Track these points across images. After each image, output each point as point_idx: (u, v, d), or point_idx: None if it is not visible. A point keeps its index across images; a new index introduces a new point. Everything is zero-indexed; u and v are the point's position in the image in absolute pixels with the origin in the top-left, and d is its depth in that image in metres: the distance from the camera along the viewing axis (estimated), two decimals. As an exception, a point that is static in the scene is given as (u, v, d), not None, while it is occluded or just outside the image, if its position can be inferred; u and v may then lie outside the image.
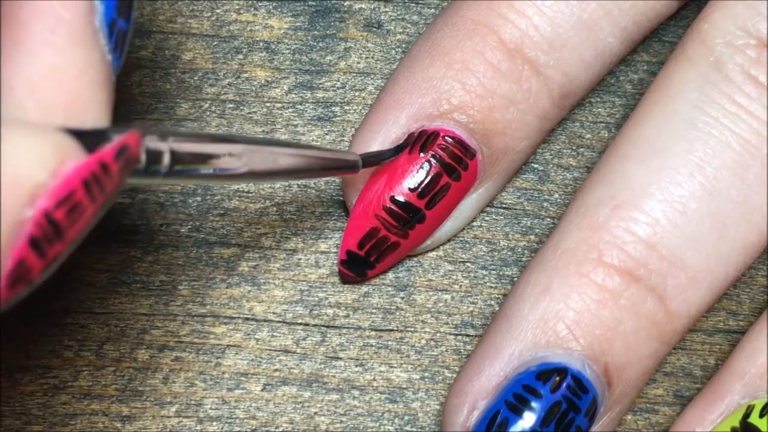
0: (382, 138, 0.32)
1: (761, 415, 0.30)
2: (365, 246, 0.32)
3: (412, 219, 0.32)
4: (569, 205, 0.32)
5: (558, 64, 0.32)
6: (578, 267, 0.30)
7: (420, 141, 0.32)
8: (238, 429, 0.33)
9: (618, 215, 0.30)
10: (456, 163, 0.32)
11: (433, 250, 0.34)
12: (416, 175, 0.32)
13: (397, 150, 0.32)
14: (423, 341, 0.34)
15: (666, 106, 0.31)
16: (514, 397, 0.30)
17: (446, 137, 0.32)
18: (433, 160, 0.32)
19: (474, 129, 0.32)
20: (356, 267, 0.33)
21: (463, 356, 0.34)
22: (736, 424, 0.30)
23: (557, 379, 0.30)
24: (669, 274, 0.30)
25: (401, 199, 0.32)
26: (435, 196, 0.32)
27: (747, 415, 0.30)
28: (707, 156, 0.30)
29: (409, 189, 0.32)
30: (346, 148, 0.34)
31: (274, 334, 0.34)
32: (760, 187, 0.30)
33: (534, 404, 0.29)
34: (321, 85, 0.35)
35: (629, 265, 0.30)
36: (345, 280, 0.34)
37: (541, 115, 0.32)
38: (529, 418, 0.29)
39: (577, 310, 0.30)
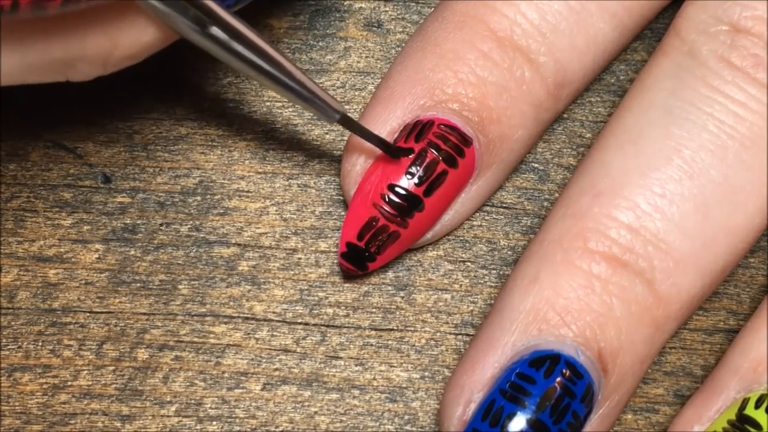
0: (379, 132, 0.32)
1: (757, 406, 0.30)
2: (365, 236, 0.32)
3: (410, 207, 0.32)
4: (555, 200, 0.32)
5: (549, 51, 0.32)
6: (565, 255, 0.31)
7: (415, 130, 0.32)
8: (238, 428, 0.33)
9: (599, 202, 0.31)
10: (452, 150, 0.32)
11: (433, 249, 0.34)
12: (413, 163, 0.32)
13: (385, 145, 0.32)
14: (423, 341, 0.34)
15: (642, 97, 0.32)
16: (509, 386, 0.30)
17: (441, 125, 0.32)
18: (429, 148, 0.32)
19: (468, 117, 0.32)
20: (357, 259, 0.33)
21: (464, 356, 0.34)
22: (733, 417, 0.30)
23: (550, 365, 0.30)
24: (655, 257, 0.30)
25: (398, 186, 0.32)
26: (433, 183, 0.32)
27: (743, 407, 0.30)
28: (683, 139, 0.31)
29: (406, 176, 0.32)
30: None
31: (274, 333, 0.34)
32: (740, 167, 0.31)
33: (529, 391, 0.30)
34: (321, 85, 0.35)
35: (614, 250, 0.30)
36: (346, 273, 0.34)
37: (536, 104, 0.32)
38: (524, 405, 0.30)
39: (567, 297, 0.30)
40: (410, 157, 0.32)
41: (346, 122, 0.31)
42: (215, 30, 0.28)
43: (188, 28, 0.28)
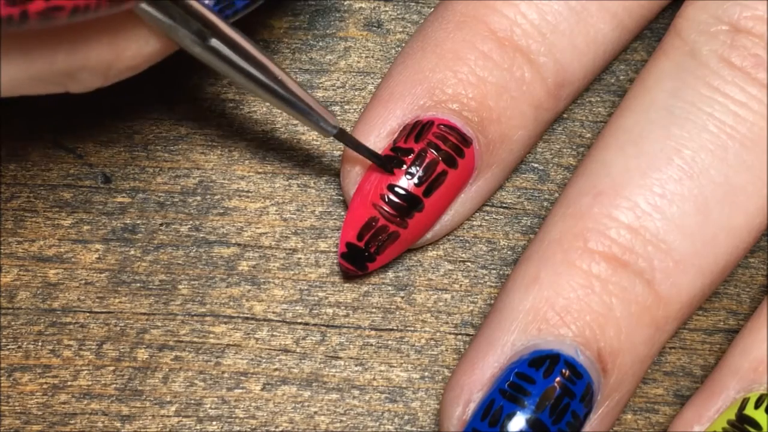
0: (378, 132, 0.32)
1: (756, 406, 0.30)
2: (365, 237, 0.32)
3: (410, 207, 0.32)
4: (556, 200, 0.32)
5: (549, 51, 0.32)
6: (565, 255, 0.31)
7: (415, 131, 0.32)
8: (237, 428, 0.33)
9: (600, 202, 0.31)
10: (452, 150, 0.32)
11: (433, 249, 0.34)
12: (412, 163, 0.32)
13: (380, 160, 0.32)
14: (423, 341, 0.34)
15: (643, 98, 0.32)
16: (509, 386, 0.30)
17: (441, 125, 0.32)
18: (428, 148, 0.32)
19: (468, 117, 0.32)
20: (357, 259, 0.33)
21: (463, 356, 0.34)
22: (733, 417, 0.30)
23: (550, 365, 0.30)
24: (655, 257, 0.30)
25: (398, 187, 0.32)
26: (432, 184, 0.32)
27: (742, 407, 0.30)
28: (684, 139, 0.31)
29: (406, 177, 0.32)
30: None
31: (274, 333, 0.34)
32: (740, 167, 0.31)
33: (528, 390, 0.30)
34: (321, 85, 0.35)
35: (614, 250, 0.30)
36: (346, 273, 0.34)
37: (536, 104, 0.32)
38: (523, 404, 0.30)
39: (567, 297, 0.30)
40: (410, 157, 0.32)
41: (342, 137, 0.32)
42: (215, 42, 0.29)
43: (189, 39, 0.28)
